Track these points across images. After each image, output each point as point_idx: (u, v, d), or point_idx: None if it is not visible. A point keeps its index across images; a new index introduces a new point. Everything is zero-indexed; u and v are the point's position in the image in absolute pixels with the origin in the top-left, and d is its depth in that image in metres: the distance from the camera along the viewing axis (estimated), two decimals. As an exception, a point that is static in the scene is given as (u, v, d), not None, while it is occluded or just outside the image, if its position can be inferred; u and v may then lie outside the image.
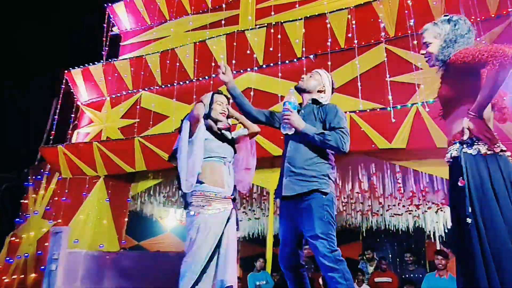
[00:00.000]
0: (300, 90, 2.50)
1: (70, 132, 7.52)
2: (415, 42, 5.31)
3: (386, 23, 5.75)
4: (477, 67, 1.73)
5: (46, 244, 6.94)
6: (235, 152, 2.71)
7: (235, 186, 2.63)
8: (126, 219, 7.17)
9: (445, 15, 2.02)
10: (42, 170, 7.61)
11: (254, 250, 6.43)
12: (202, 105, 2.60)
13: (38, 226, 7.28)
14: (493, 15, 5.19)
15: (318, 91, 2.46)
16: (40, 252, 6.95)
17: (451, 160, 1.86)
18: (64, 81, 7.66)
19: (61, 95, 7.55)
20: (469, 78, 1.83)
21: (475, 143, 1.75)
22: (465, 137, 1.76)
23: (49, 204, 7.29)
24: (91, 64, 7.67)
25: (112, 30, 8.11)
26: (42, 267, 6.71)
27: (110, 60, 7.68)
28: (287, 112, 2.23)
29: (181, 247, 8.21)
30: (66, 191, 7.07)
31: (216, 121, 2.65)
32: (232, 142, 2.71)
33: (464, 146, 1.77)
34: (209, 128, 2.59)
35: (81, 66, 7.70)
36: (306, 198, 2.17)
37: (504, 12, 5.10)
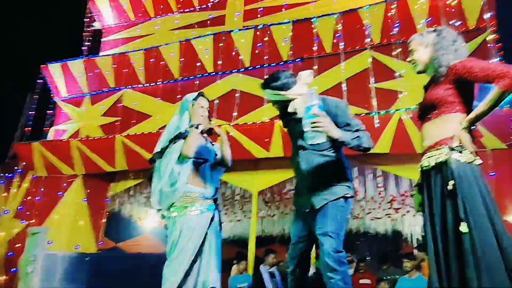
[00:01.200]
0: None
1: (46, 128, 7.34)
2: (399, 49, 5.56)
3: (371, 30, 5.97)
4: (481, 81, 1.83)
5: (17, 245, 6.76)
6: (216, 154, 2.78)
7: (216, 188, 2.68)
8: (104, 220, 7.07)
9: (431, 27, 2.19)
10: (15, 168, 7.39)
11: (235, 253, 6.50)
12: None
13: (8, 226, 7.08)
14: (471, 28, 5.50)
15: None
16: (11, 253, 6.76)
17: (435, 164, 1.89)
18: (40, 75, 7.47)
19: (37, 90, 7.37)
20: (466, 87, 1.93)
21: (463, 152, 1.83)
22: (455, 144, 1.84)
23: (21, 204, 7.11)
24: (70, 59, 7.51)
25: (93, 25, 7.98)
26: (13, 269, 6.53)
27: (90, 56, 7.55)
28: (317, 118, 1.92)
29: (161, 249, 8.15)
30: (41, 190, 6.90)
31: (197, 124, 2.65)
32: (212, 144, 2.83)
33: (454, 152, 1.84)
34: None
35: (59, 61, 7.53)
36: (328, 204, 2.14)
37: (482, 25, 5.42)
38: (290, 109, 2.25)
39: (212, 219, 2.53)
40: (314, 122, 1.92)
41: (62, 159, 6.91)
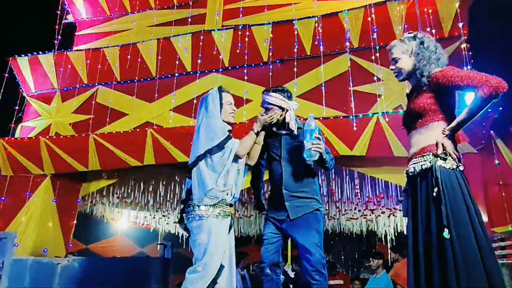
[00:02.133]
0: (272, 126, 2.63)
1: (12, 125, 7.04)
2: (378, 54, 5.74)
3: (351, 34, 6.13)
4: (461, 89, 1.91)
5: None
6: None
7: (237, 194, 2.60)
8: (75, 222, 6.87)
9: (409, 33, 2.21)
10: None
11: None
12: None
13: None
14: (446, 35, 5.76)
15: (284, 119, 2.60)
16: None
17: (420, 171, 1.95)
18: (8, 69, 7.17)
19: (3, 85, 7.06)
20: (447, 96, 2.01)
21: (447, 159, 1.90)
22: (439, 151, 1.91)
23: None
24: (40, 53, 7.25)
25: (66, 18, 7.73)
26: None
27: (62, 50, 7.31)
28: (317, 141, 2.37)
29: (134, 250, 8.01)
30: (5, 190, 6.60)
31: (227, 123, 2.59)
32: None
33: (438, 159, 1.90)
34: None
35: (29, 54, 7.26)
36: (307, 215, 2.46)
37: (456, 34, 5.69)
38: (287, 119, 2.57)
39: (231, 225, 2.49)
40: (316, 144, 2.35)
41: (30, 158, 6.65)
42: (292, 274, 6.57)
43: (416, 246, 1.90)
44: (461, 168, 1.91)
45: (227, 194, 2.43)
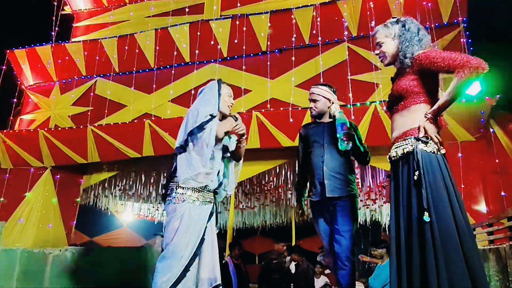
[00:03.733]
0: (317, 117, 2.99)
1: (11, 118, 7.25)
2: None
3: (349, 23, 6.28)
4: (443, 71, 1.95)
5: None
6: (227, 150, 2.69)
7: (221, 182, 2.60)
8: (76, 214, 7.10)
9: (393, 17, 2.25)
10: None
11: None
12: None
13: None
14: (445, 23, 5.90)
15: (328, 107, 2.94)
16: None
17: (402, 155, 2.00)
18: (5, 61, 7.37)
19: (1, 77, 7.25)
20: (430, 78, 2.04)
21: (429, 142, 1.94)
22: (421, 135, 1.95)
23: None
24: (38, 44, 7.44)
25: (63, 9, 7.90)
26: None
27: (60, 42, 7.50)
28: (347, 131, 2.64)
29: (139, 242, 8.23)
30: (5, 182, 6.82)
31: (223, 115, 2.62)
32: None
33: (420, 142, 1.94)
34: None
35: (27, 47, 7.45)
36: (344, 199, 2.69)
37: (455, 21, 5.83)
38: (332, 110, 2.88)
39: (212, 213, 2.49)
40: (346, 134, 2.63)
41: (29, 150, 6.87)
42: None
43: (399, 231, 1.94)
44: (443, 151, 1.95)
45: (211, 181, 2.44)
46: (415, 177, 1.88)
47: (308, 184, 2.98)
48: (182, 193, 2.37)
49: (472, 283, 1.72)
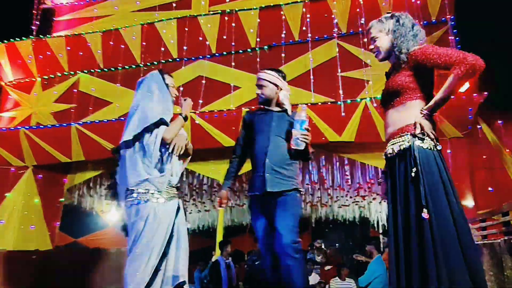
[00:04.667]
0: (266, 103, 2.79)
1: (-10, 116, 7.12)
2: (365, 40, 6.01)
3: (338, 20, 6.39)
4: (439, 68, 1.97)
5: None
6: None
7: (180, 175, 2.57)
8: (60, 214, 7.02)
9: (387, 12, 2.28)
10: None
11: (203, 243, 6.76)
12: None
13: None
14: (433, 20, 6.06)
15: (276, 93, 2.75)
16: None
17: (398, 151, 2.02)
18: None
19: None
20: (425, 74, 2.07)
21: (425, 139, 1.97)
22: (417, 131, 1.97)
23: None
24: (17, 39, 7.29)
25: (44, 3, 7.76)
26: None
27: (41, 36, 7.36)
28: (306, 132, 2.55)
29: (125, 242, 8.16)
30: None
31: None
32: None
33: (416, 139, 1.97)
34: None
35: (5, 41, 7.29)
36: (285, 194, 2.57)
37: (443, 18, 6.00)
38: (281, 97, 2.77)
39: (178, 208, 2.45)
40: (305, 135, 2.54)
41: (9, 149, 6.77)
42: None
43: (396, 229, 1.95)
44: (439, 147, 1.98)
45: (171, 175, 2.43)
46: (413, 174, 1.90)
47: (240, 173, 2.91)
48: (144, 192, 2.30)
49: (470, 278, 1.76)
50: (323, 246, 6.64)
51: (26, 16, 7.40)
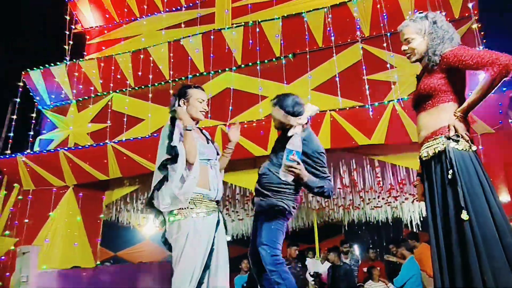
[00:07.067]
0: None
1: (31, 139, 7.82)
2: (389, 41, 6.43)
3: (361, 23, 6.83)
4: (472, 69, 2.06)
5: None
6: (217, 153, 2.86)
7: (219, 189, 2.72)
8: (101, 230, 7.68)
9: (419, 12, 2.35)
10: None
11: (239, 251, 7.25)
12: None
13: None
14: (456, 17, 6.41)
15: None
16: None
17: (433, 154, 2.11)
18: (22, 83, 7.97)
19: (18, 99, 7.88)
20: (458, 76, 2.15)
21: (460, 140, 2.05)
22: (451, 134, 2.06)
23: (9, 220, 7.47)
24: (52, 64, 8.05)
25: (75, 28, 8.56)
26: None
27: (74, 60, 8.08)
28: (294, 164, 2.57)
29: (162, 255, 8.83)
30: (30, 204, 7.35)
31: (196, 120, 2.78)
32: (213, 143, 2.91)
33: (451, 141, 2.06)
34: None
35: (41, 67, 8.06)
36: (266, 211, 2.82)
37: (466, 14, 6.34)
38: (290, 134, 2.78)
39: (218, 222, 2.62)
40: (290, 167, 2.59)
41: (50, 170, 7.42)
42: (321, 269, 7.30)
43: (436, 230, 2.05)
44: (474, 148, 2.06)
45: (209, 190, 2.60)
46: (449, 176, 1.99)
47: None
48: (184, 208, 2.48)
49: None
50: (351, 250, 7.09)
51: (59, 42, 8.14)
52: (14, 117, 7.80)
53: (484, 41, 6.16)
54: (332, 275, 6.69)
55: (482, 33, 6.20)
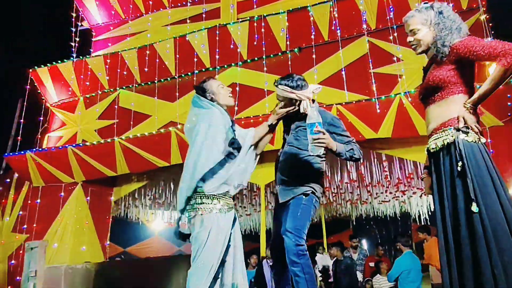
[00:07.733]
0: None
1: (39, 136, 8.01)
2: (395, 34, 6.46)
3: (367, 16, 6.87)
4: (483, 60, 2.03)
5: (12, 262, 7.36)
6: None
7: (237, 185, 2.74)
8: (109, 226, 7.87)
9: (425, 3, 2.32)
10: (8, 180, 8.04)
11: (247, 247, 7.38)
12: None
13: (8, 241, 7.69)
14: (464, 8, 6.42)
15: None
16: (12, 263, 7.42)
17: (442, 146, 2.10)
18: (29, 81, 8.13)
19: (26, 97, 8.06)
20: (467, 67, 2.14)
21: (469, 132, 2.04)
22: (461, 125, 2.05)
23: (19, 216, 7.71)
24: (59, 62, 8.20)
25: (82, 25, 8.72)
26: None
27: (81, 57, 8.23)
28: (319, 135, 2.51)
29: (171, 250, 9.04)
30: (39, 200, 7.56)
31: (227, 106, 2.77)
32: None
33: (460, 132, 2.04)
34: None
35: (48, 64, 8.22)
36: (295, 198, 2.74)
37: (474, 5, 6.35)
38: (301, 109, 2.77)
39: (235, 218, 2.68)
40: (318, 138, 2.52)
41: (59, 167, 7.57)
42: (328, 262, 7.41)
43: (445, 223, 2.05)
44: (483, 140, 2.06)
45: (230, 187, 2.63)
46: (459, 168, 1.98)
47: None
48: (209, 203, 2.52)
49: None
50: (360, 245, 7.20)
51: (65, 39, 8.31)
52: (23, 114, 7.96)
53: (493, 32, 6.17)
54: (335, 270, 6.79)
55: (491, 24, 6.21)
